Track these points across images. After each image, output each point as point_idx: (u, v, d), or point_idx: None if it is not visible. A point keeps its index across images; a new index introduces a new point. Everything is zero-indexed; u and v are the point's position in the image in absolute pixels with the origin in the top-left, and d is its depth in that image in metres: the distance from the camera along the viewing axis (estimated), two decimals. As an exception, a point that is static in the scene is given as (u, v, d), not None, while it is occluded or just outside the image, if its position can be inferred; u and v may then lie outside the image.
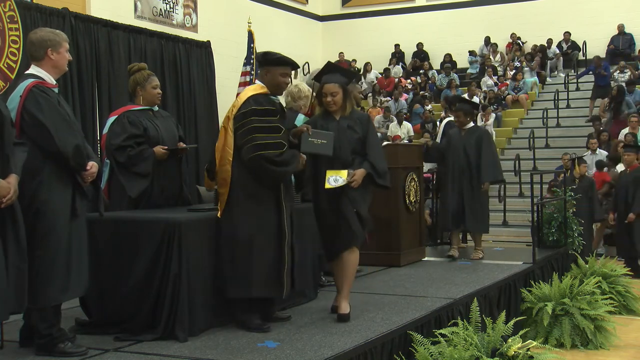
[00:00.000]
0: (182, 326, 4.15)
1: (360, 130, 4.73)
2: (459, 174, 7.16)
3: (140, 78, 5.11)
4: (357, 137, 4.71)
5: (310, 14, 19.85)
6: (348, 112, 4.75)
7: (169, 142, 5.08)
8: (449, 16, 18.99)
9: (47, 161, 3.81)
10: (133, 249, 4.27)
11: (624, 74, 15.88)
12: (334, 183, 4.59)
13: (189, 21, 14.94)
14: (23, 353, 3.92)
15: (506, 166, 14.55)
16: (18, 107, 3.79)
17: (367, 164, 4.67)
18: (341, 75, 4.78)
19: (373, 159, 4.69)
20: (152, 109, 5.15)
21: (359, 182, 4.60)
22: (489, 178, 7.12)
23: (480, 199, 7.19)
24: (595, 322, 6.13)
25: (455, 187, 7.17)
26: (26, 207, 3.70)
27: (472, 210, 7.10)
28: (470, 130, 7.25)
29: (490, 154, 7.18)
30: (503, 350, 4.36)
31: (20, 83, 3.91)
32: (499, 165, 7.33)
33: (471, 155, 7.11)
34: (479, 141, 7.13)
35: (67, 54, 4.04)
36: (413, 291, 5.57)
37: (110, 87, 10.72)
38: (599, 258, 7.66)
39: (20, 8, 7.82)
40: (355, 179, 4.60)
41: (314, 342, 4.09)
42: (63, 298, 3.87)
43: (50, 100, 3.85)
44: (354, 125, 4.73)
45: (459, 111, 7.32)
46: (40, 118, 3.78)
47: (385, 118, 16.39)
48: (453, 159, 7.21)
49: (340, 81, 4.73)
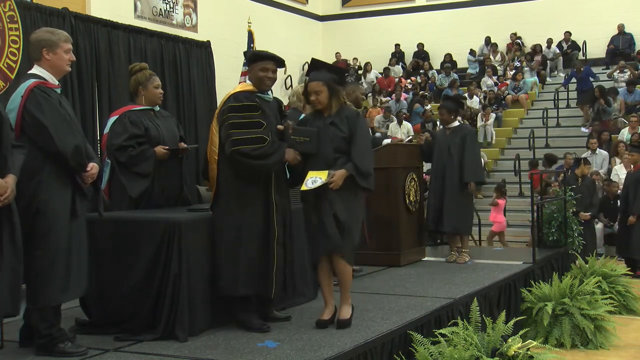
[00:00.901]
0: (182, 326, 4.15)
1: (347, 128, 4.45)
2: (441, 173, 7.03)
3: (142, 78, 5.11)
4: (342, 135, 4.44)
5: (310, 14, 19.86)
6: (334, 110, 4.49)
7: (170, 142, 5.08)
8: (449, 16, 19.00)
9: (47, 161, 3.81)
10: (133, 249, 4.27)
11: (624, 74, 15.88)
12: (311, 185, 4.33)
13: (189, 21, 14.94)
14: (23, 353, 3.92)
15: (506, 166, 14.63)
16: (19, 108, 3.79)
17: (349, 165, 4.37)
18: (327, 72, 4.56)
19: (356, 158, 4.38)
20: (153, 109, 5.15)
21: (338, 184, 4.32)
22: (471, 178, 6.95)
23: (463, 200, 7.03)
24: (595, 322, 6.12)
25: (437, 187, 7.05)
26: (26, 207, 3.71)
27: (450, 211, 6.92)
28: (455, 130, 7.10)
29: (473, 154, 7.03)
30: (503, 350, 4.36)
31: (22, 83, 3.91)
32: (481, 166, 7.23)
33: (455, 154, 6.96)
34: (464, 140, 6.98)
35: (66, 55, 4.00)
36: (413, 291, 5.57)
37: (110, 87, 10.70)
38: (599, 258, 7.66)
39: (20, 8, 7.82)
40: (334, 180, 4.32)
41: (314, 342, 4.09)
42: (63, 298, 3.86)
43: (51, 100, 3.85)
44: (340, 124, 4.46)
45: (442, 109, 7.22)
46: (41, 118, 3.78)
47: (385, 118, 16.39)
48: (437, 158, 7.11)
49: (324, 78, 4.49)
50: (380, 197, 6.67)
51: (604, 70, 16.94)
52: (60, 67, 4.00)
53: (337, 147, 4.43)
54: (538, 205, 7.88)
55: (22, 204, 3.68)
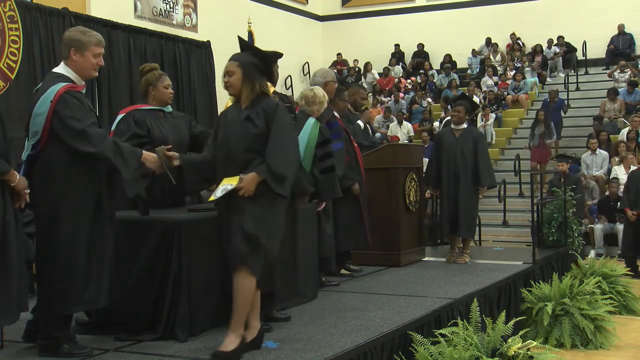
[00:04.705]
0: (182, 326, 4.15)
1: (263, 122, 3.87)
2: (454, 177, 6.93)
3: (152, 78, 5.10)
4: (256, 132, 3.86)
5: (310, 14, 19.85)
6: (248, 100, 3.92)
7: (174, 144, 5.03)
8: (449, 16, 18.99)
9: (74, 163, 3.72)
10: (133, 249, 4.27)
11: (624, 74, 15.88)
12: (220, 194, 3.76)
13: (188, 21, 14.94)
14: (24, 353, 3.91)
15: (506, 166, 14.62)
16: (48, 112, 3.68)
17: (262, 167, 3.79)
18: (250, 55, 4.00)
19: (270, 159, 3.79)
20: (162, 110, 5.12)
21: (248, 190, 3.74)
22: (488, 182, 6.99)
23: (474, 204, 7.05)
24: (595, 322, 6.13)
25: (451, 192, 6.96)
26: (44, 210, 3.69)
27: (466, 216, 6.90)
28: (465, 132, 7.02)
29: (487, 157, 7.05)
30: (503, 350, 4.36)
31: (48, 84, 3.78)
32: (493, 169, 7.22)
33: (468, 158, 6.90)
34: (476, 144, 6.92)
35: (94, 59, 3.85)
36: (413, 291, 5.57)
37: (110, 86, 10.72)
38: (599, 258, 7.66)
39: (20, 8, 7.82)
40: (243, 186, 3.74)
41: (314, 342, 4.08)
42: (78, 308, 3.84)
43: (82, 106, 3.75)
44: (255, 118, 3.88)
45: (460, 106, 7.06)
46: (74, 124, 3.67)
47: (385, 118, 16.41)
48: (448, 162, 6.97)
49: (242, 60, 3.95)
50: (380, 197, 6.68)
51: (604, 70, 16.94)
52: (86, 70, 3.87)
53: (250, 147, 3.86)
54: (538, 205, 7.89)
55: (41, 208, 3.67)
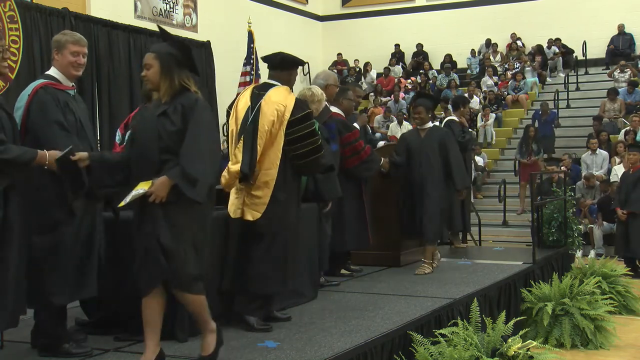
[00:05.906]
0: (182, 326, 4.15)
1: (179, 119, 3.52)
2: (420, 181, 6.37)
3: None
4: (173, 129, 3.51)
5: (310, 14, 19.85)
6: (167, 94, 3.57)
7: None
8: (449, 16, 18.98)
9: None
10: (133, 248, 4.26)
11: (624, 74, 15.88)
12: (129, 199, 3.45)
13: (189, 21, 14.94)
14: (25, 353, 3.92)
15: (506, 166, 14.63)
16: (25, 106, 3.79)
17: (175, 169, 3.42)
18: (169, 46, 3.68)
19: (184, 160, 3.42)
20: None
21: (159, 195, 3.39)
22: (462, 185, 6.59)
23: (443, 207, 6.47)
24: (595, 322, 6.13)
25: (416, 196, 6.41)
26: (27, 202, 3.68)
27: (430, 221, 6.34)
28: (430, 132, 6.48)
29: (458, 158, 6.52)
30: (503, 350, 4.36)
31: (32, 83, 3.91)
32: (465, 168, 6.82)
33: (433, 159, 6.36)
34: (443, 145, 6.41)
35: (72, 57, 3.90)
36: (413, 291, 5.57)
37: (110, 86, 10.72)
38: (599, 258, 7.66)
39: (20, 8, 7.83)
40: (153, 191, 3.39)
41: (314, 342, 4.08)
42: (69, 299, 3.86)
43: (53, 102, 3.80)
44: (172, 114, 3.53)
45: (420, 107, 6.43)
46: (40, 120, 3.76)
47: (385, 118, 16.40)
48: (413, 165, 6.43)
49: (160, 51, 3.63)
50: (380, 197, 6.67)
51: (604, 70, 16.94)
52: (66, 68, 3.93)
53: (166, 146, 3.51)
54: (538, 205, 7.89)
55: (23, 199, 3.68)
